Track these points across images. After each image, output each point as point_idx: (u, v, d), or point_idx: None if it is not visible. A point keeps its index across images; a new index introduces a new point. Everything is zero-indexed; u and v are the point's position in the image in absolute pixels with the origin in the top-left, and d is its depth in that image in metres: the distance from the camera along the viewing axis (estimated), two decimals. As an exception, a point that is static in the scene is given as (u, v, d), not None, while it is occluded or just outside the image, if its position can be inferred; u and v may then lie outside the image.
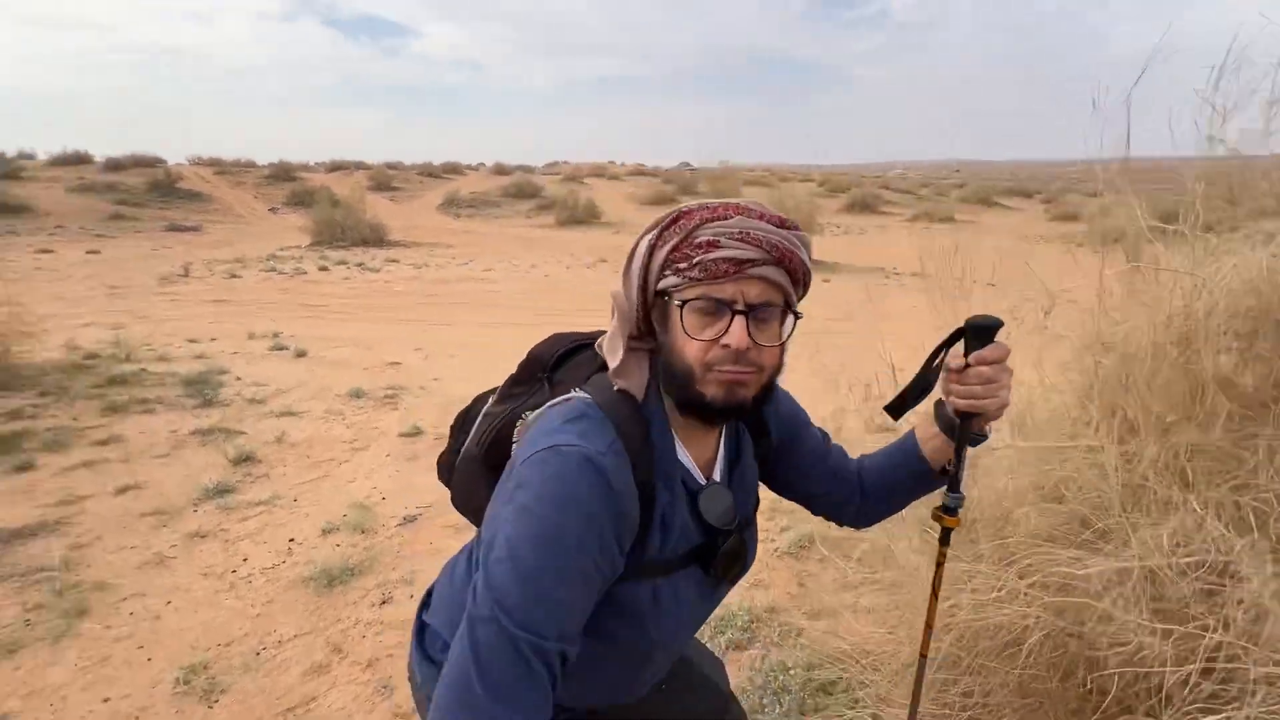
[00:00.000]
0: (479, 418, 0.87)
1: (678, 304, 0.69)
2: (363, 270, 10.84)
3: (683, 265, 0.69)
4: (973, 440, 0.83)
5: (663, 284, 0.71)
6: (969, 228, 21.26)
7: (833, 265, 11.59)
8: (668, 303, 0.71)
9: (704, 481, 0.78)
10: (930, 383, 0.86)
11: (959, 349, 0.82)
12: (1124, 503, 1.26)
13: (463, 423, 0.92)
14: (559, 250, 14.39)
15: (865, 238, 17.65)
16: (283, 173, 24.79)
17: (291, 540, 2.56)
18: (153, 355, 5.22)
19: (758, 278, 0.68)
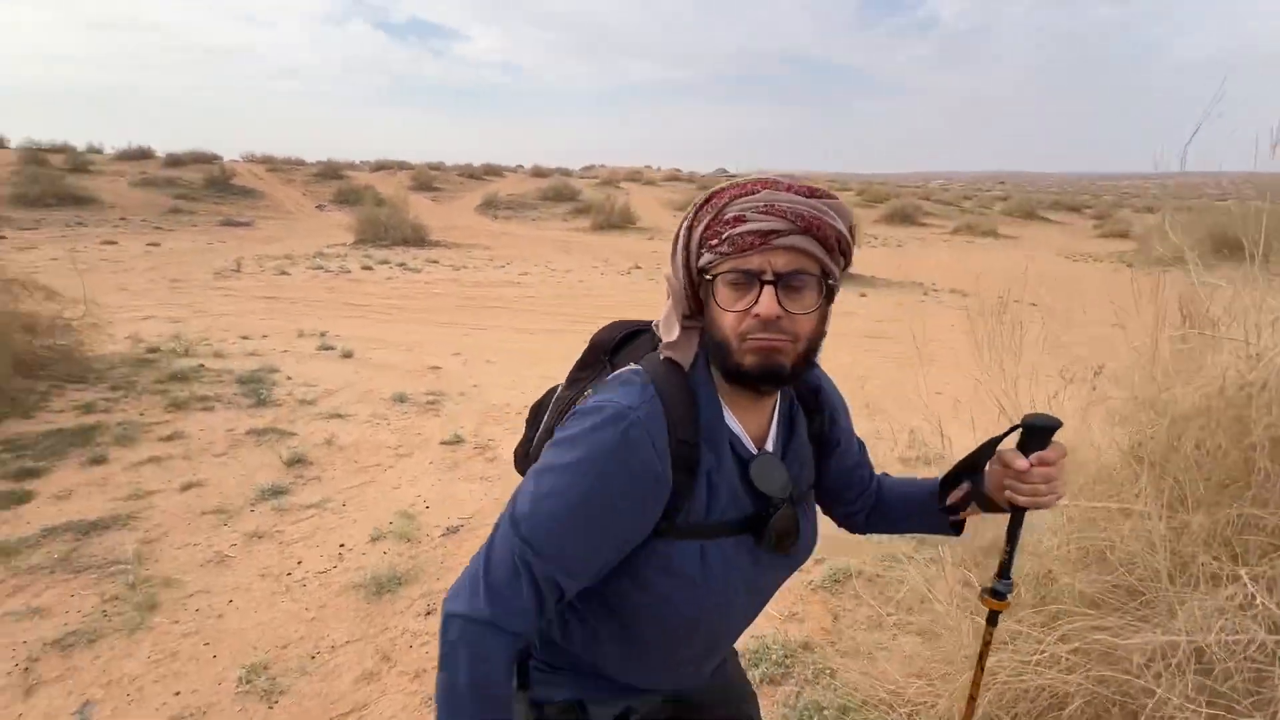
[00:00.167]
0: (550, 406, 0.91)
1: (712, 279, 0.74)
2: (404, 270, 11.13)
3: (714, 242, 0.73)
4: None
5: (701, 262, 0.75)
6: (1012, 243, 20.73)
7: (869, 279, 11.43)
8: (706, 279, 0.75)
9: (755, 451, 0.80)
10: (980, 470, 0.89)
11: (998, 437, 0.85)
12: (1171, 573, 1.26)
13: (536, 414, 0.96)
14: (594, 255, 14.52)
15: (903, 250, 17.36)
16: (330, 171, 25.57)
17: (342, 545, 2.69)
18: (209, 351, 5.48)
19: (785, 248, 0.70)
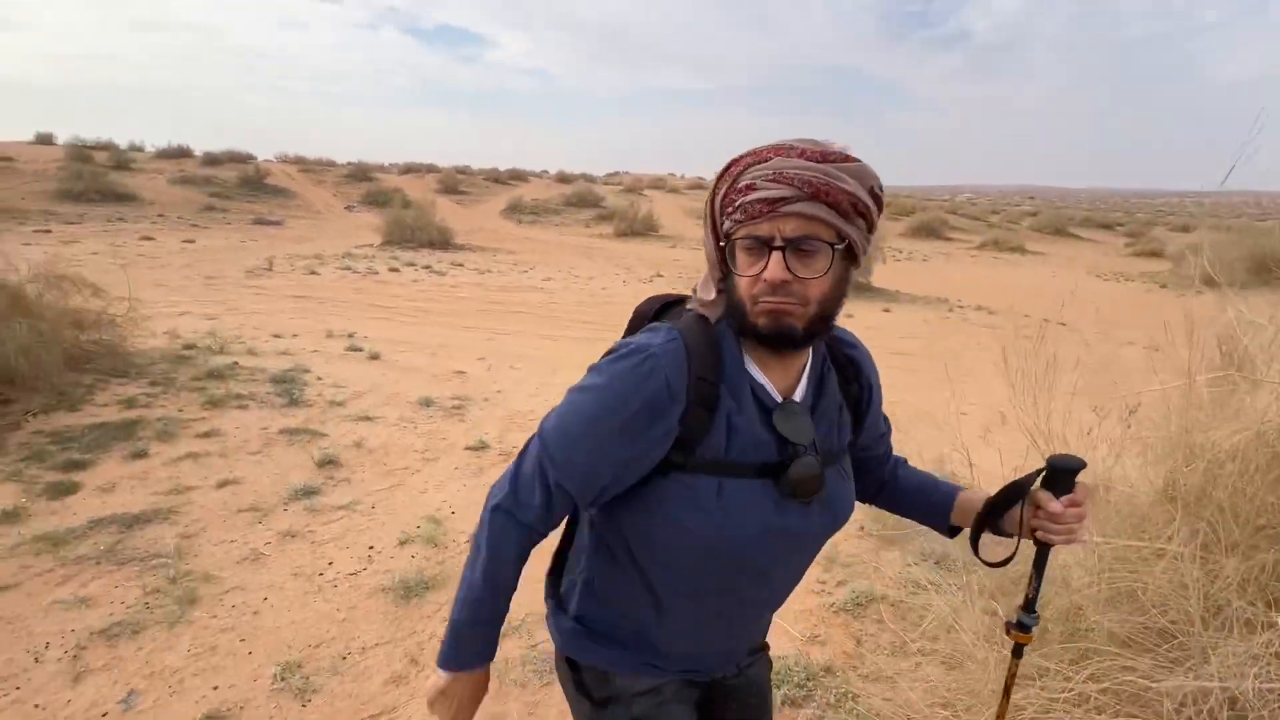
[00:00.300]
0: None
1: (731, 244, 0.78)
2: (430, 273, 11.30)
3: (730, 210, 0.77)
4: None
5: (724, 228, 0.79)
6: (1040, 260, 20.40)
7: (893, 293, 11.35)
8: (723, 245, 0.80)
9: (780, 400, 0.83)
10: (1008, 508, 0.91)
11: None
12: (1205, 616, 1.26)
13: None
14: (616, 262, 14.60)
15: (929, 265, 17.19)
16: (360, 173, 26.06)
17: (371, 548, 2.76)
18: (243, 349, 5.63)
19: (793, 214, 0.73)
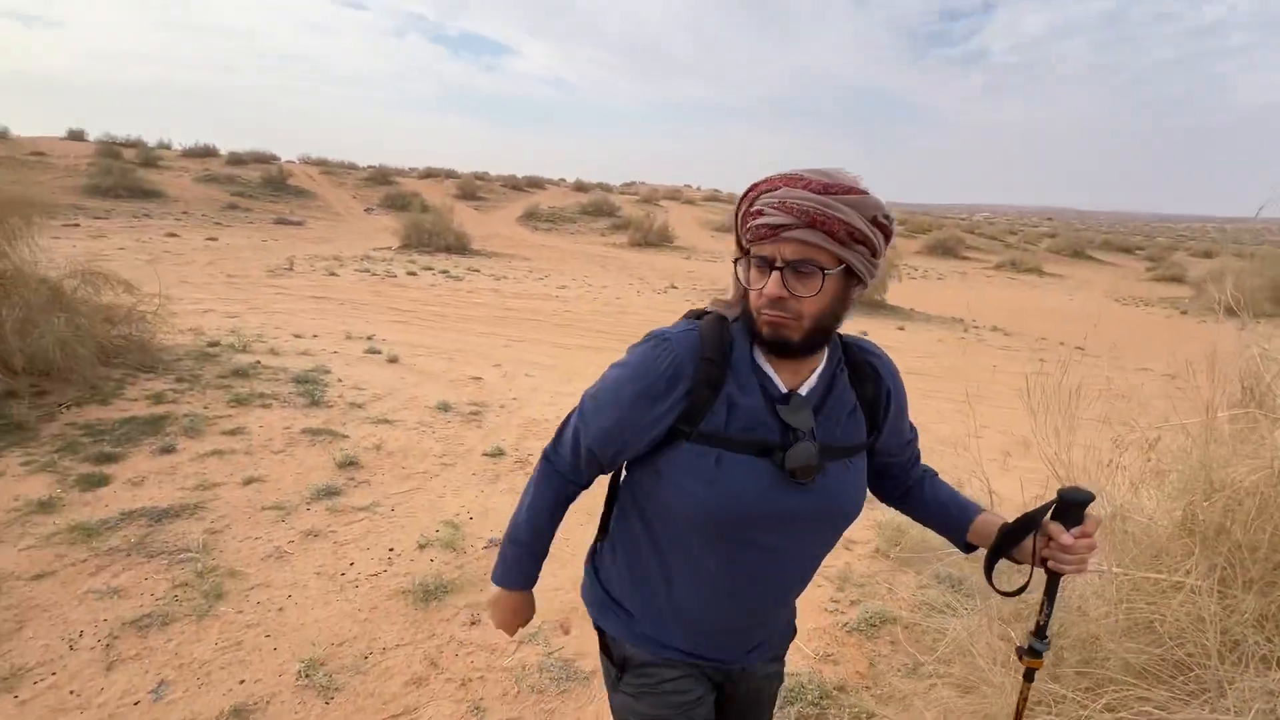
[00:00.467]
0: None
1: (744, 259, 0.90)
2: (447, 278, 11.44)
3: (743, 230, 0.88)
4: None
5: (743, 244, 0.90)
6: (1057, 282, 20.28)
7: (908, 312, 11.34)
8: (738, 260, 0.92)
9: (785, 391, 0.92)
10: (1021, 539, 0.96)
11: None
12: (1221, 650, 1.28)
13: None
14: (631, 273, 14.69)
15: (944, 284, 17.15)
16: (380, 176, 26.45)
17: (391, 550, 2.81)
18: (265, 348, 5.74)
19: (792, 239, 0.82)
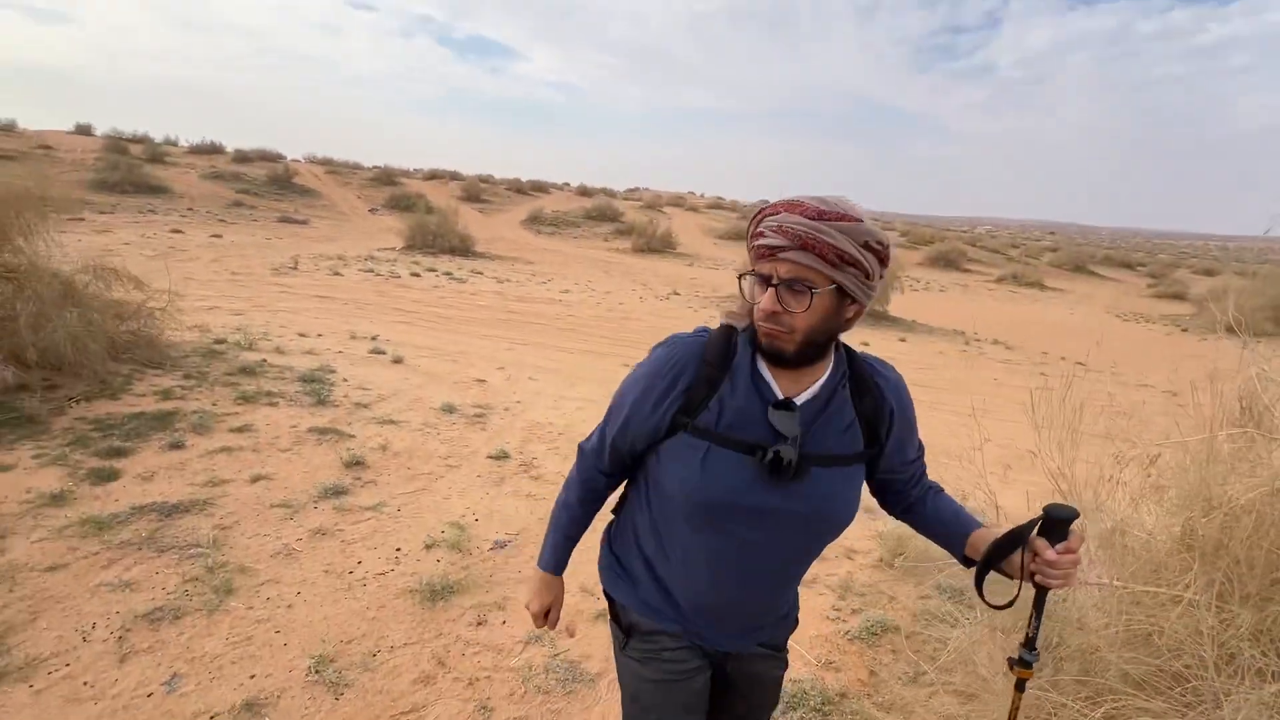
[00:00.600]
0: None
1: (747, 277, 0.98)
2: (450, 279, 11.49)
3: (748, 249, 0.97)
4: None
5: (751, 262, 0.98)
6: (1058, 296, 20.35)
7: (909, 323, 11.40)
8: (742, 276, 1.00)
9: (780, 397, 0.98)
10: (1008, 554, 1.01)
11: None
12: (1218, 663, 1.32)
13: None
14: (634, 278, 14.74)
15: (946, 296, 17.22)
16: (385, 177, 26.54)
17: (398, 550, 2.84)
18: (271, 347, 5.77)
19: (787, 260, 0.90)
